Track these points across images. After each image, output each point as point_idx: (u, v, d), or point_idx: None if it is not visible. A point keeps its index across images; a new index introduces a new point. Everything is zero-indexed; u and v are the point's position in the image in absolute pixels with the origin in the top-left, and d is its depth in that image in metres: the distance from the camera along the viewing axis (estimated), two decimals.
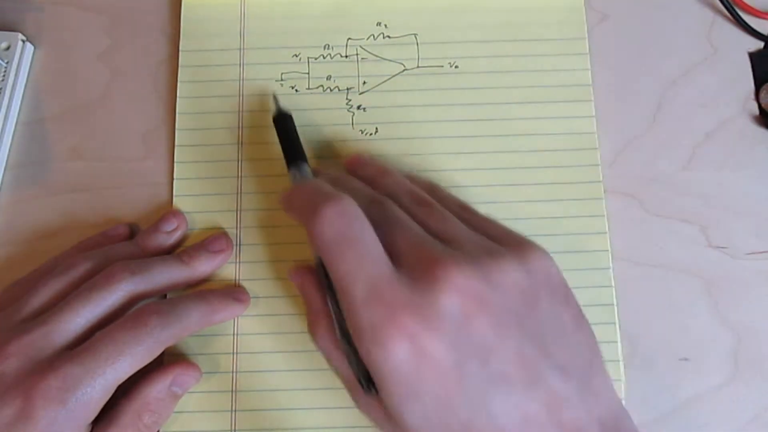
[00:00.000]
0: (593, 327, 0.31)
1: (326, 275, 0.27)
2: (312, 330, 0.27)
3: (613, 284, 0.32)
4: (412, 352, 0.21)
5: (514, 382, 0.21)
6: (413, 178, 0.31)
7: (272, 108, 0.33)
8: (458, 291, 0.22)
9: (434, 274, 0.22)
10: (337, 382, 0.31)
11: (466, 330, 0.22)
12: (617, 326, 0.31)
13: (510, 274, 0.23)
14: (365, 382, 0.24)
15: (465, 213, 0.28)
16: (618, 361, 0.31)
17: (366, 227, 0.24)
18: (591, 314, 0.31)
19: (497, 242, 0.25)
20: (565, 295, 0.24)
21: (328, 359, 0.27)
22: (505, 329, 0.22)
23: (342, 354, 0.26)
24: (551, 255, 0.25)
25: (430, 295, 0.22)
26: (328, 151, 0.34)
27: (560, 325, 0.23)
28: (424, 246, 0.24)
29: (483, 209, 0.33)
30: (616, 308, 0.32)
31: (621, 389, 0.31)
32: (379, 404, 0.24)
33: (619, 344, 0.31)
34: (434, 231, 0.25)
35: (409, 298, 0.22)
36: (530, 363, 0.22)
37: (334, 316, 0.27)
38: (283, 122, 0.33)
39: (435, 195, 0.29)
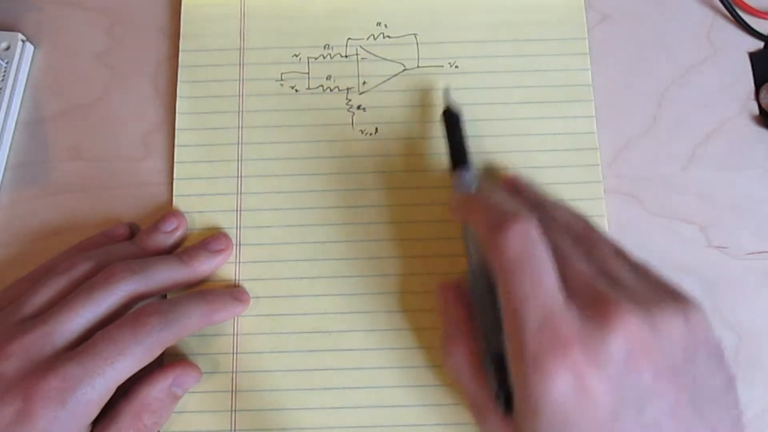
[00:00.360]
0: None
1: (483, 292, 0.27)
2: (448, 346, 0.28)
3: None
4: (575, 387, 0.21)
5: None
6: (570, 209, 0.31)
7: (443, 102, 0.33)
8: (628, 335, 0.22)
9: (607, 314, 0.22)
10: (338, 382, 0.31)
11: (629, 375, 0.22)
12: None
13: (675, 326, 0.23)
14: (504, 404, 0.25)
15: (620, 256, 0.27)
16: None
17: (547, 253, 0.24)
18: None
19: (661, 290, 0.25)
20: (720, 356, 0.24)
21: (458, 377, 0.27)
22: (666, 381, 0.22)
23: (475, 373, 0.26)
24: (705, 309, 0.24)
25: (600, 334, 0.22)
26: (328, 151, 0.34)
27: (713, 385, 0.23)
28: (596, 284, 0.24)
29: None
30: None
31: None
32: (509, 429, 0.24)
33: None
34: (601, 270, 0.25)
35: (579, 333, 0.22)
36: (684, 418, 0.22)
37: (483, 335, 0.27)
38: (453, 120, 0.32)
39: (590, 233, 0.29)
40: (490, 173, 0.34)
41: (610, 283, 0.24)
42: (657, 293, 0.24)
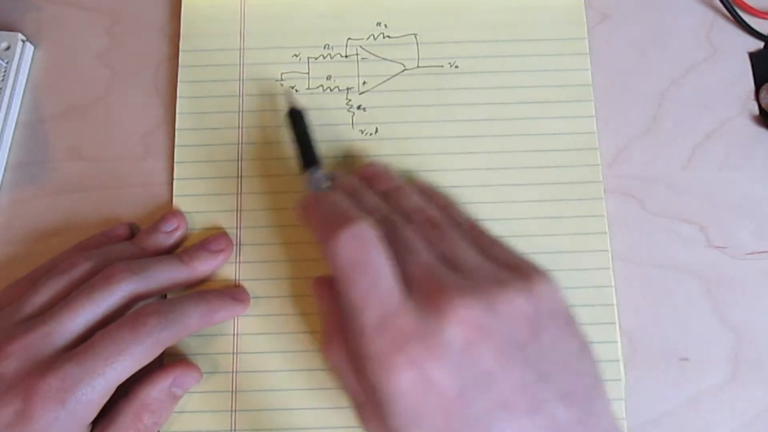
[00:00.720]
0: (593, 327, 0.31)
1: None
2: (325, 345, 0.27)
3: (613, 284, 0.32)
4: (418, 380, 0.22)
5: (516, 410, 0.22)
6: (426, 191, 0.32)
7: (285, 104, 0.33)
8: (461, 322, 0.22)
9: (439, 304, 0.22)
10: (337, 383, 0.31)
11: (468, 359, 0.22)
12: (617, 326, 0.31)
13: (515, 303, 0.23)
14: None
15: (476, 233, 0.28)
16: (618, 361, 0.31)
17: (381, 254, 0.24)
18: (591, 314, 0.31)
19: (506, 267, 0.25)
20: (568, 323, 0.24)
21: (339, 374, 0.27)
22: (508, 358, 0.22)
23: (355, 370, 0.26)
24: (554, 279, 0.25)
25: (436, 325, 0.22)
26: (328, 151, 0.34)
27: (563, 352, 0.24)
28: (433, 274, 0.24)
29: (483, 209, 0.33)
30: (616, 308, 0.32)
31: (621, 389, 0.31)
32: (379, 425, 0.24)
33: (619, 344, 0.31)
34: (445, 256, 0.26)
35: (416, 327, 0.22)
36: (532, 391, 0.22)
37: None
38: (297, 120, 0.32)
39: (448, 212, 0.30)
40: (346, 167, 0.34)
41: (451, 270, 0.24)
42: (502, 272, 0.25)
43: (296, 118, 0.32)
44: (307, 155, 0.31)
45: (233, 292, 0.32)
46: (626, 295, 0.32)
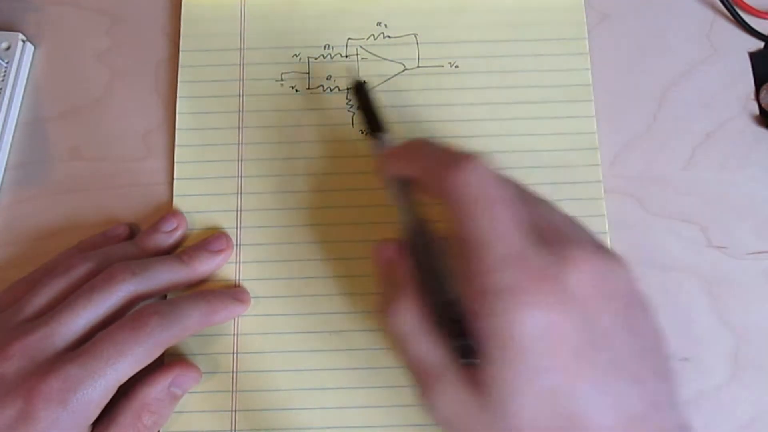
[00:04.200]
0: None
1: (424, 249, 0.26)
2: (393, 306, 0.25)
3: None
4: (547, 322, 0.21)
5: (626, 378, 0.21)
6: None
7: (348, 78, 0.33)
8: (590, 276, 0.21)
9: (564, 252, 0.22)
10: (338, 382, 0.31)
11: (590, 314, 0.21)
12: None
13: (621, 277, 0.23)
14: (466, 355, 0.23)
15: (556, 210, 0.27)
16: None
17: (503, 189, 0.23)
18: None
19: (596, 241, 0.24)
20: (649, 307, 0.24)
21: (405, 339, 0.24)
22: (624, 323, 0.22)
23: (426, 332, 0.24)
24: None
25: (564, 273, 0.21)
26: (328, 151, 0.34)
27: (655, 332, 0.23)
28: (552, 223, 0.23)
29: None
30: None
31: None
32: (462, 392, 0.22)
33: None
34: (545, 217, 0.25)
35: (543, 268, 0.21)
36: (639, 361, 0.22)
37: (430, 291, 0.25)
38: (360, 91, 0.32)
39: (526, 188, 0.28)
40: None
41: (561, 228, 0.24)
42: (598, 244, 0.24)
43: (359, 90, 0.32)
44: (377, 121, 0.31)
45: (234, 292, 0.32)
46: None
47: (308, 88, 0.35)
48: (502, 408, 0.21)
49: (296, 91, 0.35)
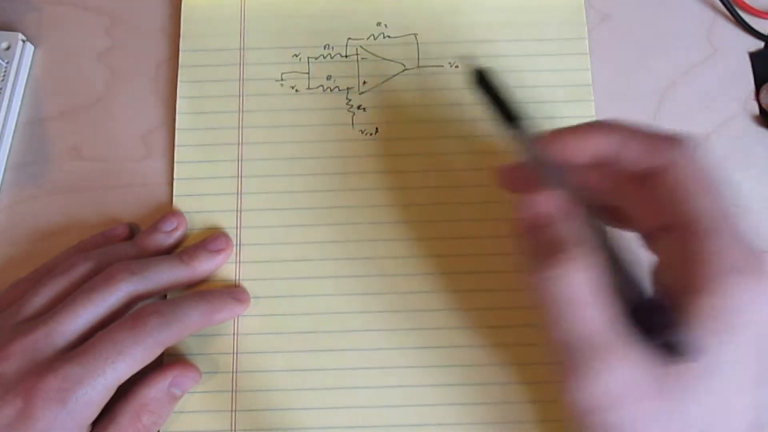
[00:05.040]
0: None
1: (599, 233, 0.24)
2: (560, 264, 0.22)
3: None
4: None
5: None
6: None
7: (466, 69, 0.29)
8: None
9: None
10: (337, 382, 0.31)
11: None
12: None
13: None
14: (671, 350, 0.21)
15: None
16: None
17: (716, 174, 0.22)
18: None
19: None
20: None
21: (570, 305, 0.22)
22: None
23: (598, 302, 0.21)
24: None
25: None
26: (328, 151, 0.34)
27: None
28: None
29: (483, 209, 0.33)
30: None
31: None
32: (645, 375, 0.21)
33: None
34: None
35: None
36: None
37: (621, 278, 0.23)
38: (485, 80, 0.28)
39: None
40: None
41: None
42: None
43: (483, 79, 0.28)
44: (510, 109, 0.27)
45: (233, 292, 0.32)
46: None
47: (308, 88, 0.35)
48: (694, 386, 0.20)
49: (296, 91, 0.35)
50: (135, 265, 0.29)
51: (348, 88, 0.35)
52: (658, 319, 0.21)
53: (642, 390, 0.21)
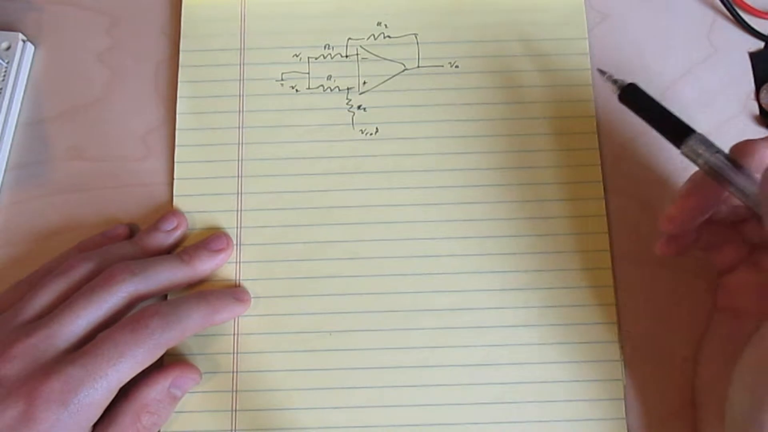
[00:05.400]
0: (593, 327, 0.31)
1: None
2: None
3: (613, 284, 0.32)
4: None
5: None
6: None
7: (611, 87, 0.30)
8: None
9: None
10: (337, 382, 0.31)
11: None
12: (617, 326, 0.31)
13: None
14: None
15: None
16: (618, 361, 0.31)
17: None
18: (591, 314, 0.31)
19: None
20: None
21: None
22: None
23: None
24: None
25: None
26: (328, 151, 0.34)
27: None
28: None
29: (483, 209, 0.33)
30: (616, 308, 0.32)
31: (621, 389, 0.31)
32: None
33: (619, 344, 0.31)
34: None
35: None
36: None
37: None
38: (635, 95, 0.29)
39: None
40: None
41: None
42: None
43: (633, 93, 0.29)
44: (676, 125, 0.27)
45: (234, 292, 0.32)
46: (626, 295, 0.32)
47: (308, 88, 0.35)
48: None
49: (296, 91, 0.35)
50: (135, 266, 0.29)
51: (348, 88, 0.35)
52: None
53: None
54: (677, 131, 0.27)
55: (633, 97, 0.29)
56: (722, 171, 0.26)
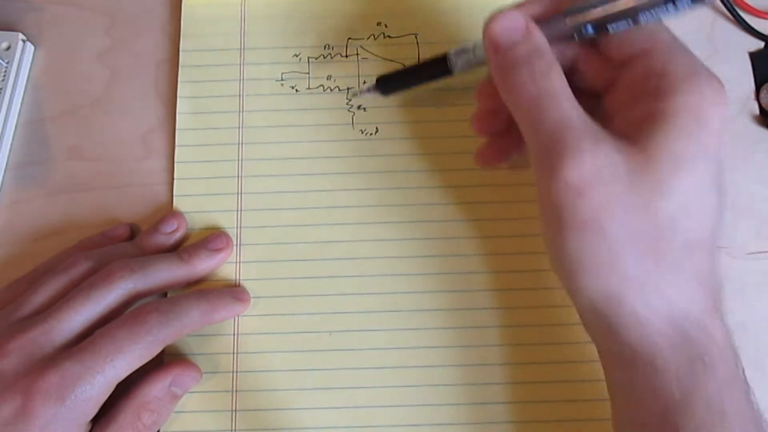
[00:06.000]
0: None
1: None
2: (532, 65, 0.24)
3: None
4: (725, 115, 0.23)
5: None
6: None
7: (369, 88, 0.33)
8: None
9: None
10: (338, 382, 0.31)
11: None
12: None
13: None
14: None
15: None
16: None
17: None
18: None
19: None
20: None
21: (547, 98, 0.24)
22: None
23: (569, 94, 0.24)
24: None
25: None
26: (328, 151, 0.34)
27: None
28: None
29: (482, 208, 0.33)
30: None
31: None
32: (615, 156, 0.23)
33: None
34: None
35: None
36: None
37: None
38: (387, 80, 0.32)
39: None
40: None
41: None
42: None
43: (385, 81, 0.32)
44: (433, 63, 0.30)
45: (234, 291, 0.32)
46: None
47: (308, 88, 0.35)
48: (661, 181, 0.22)
49: (296, 91, 0.35)
50: (134, 263, 0.29)
51: (348, 88, 0.35)
52: None
53: (614, 175, 0.22)
54: (438, 65, 0.29)
55: (387, 82, 0.32)
56: (469, 60, 0.28)
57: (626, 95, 0.25)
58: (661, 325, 0.23)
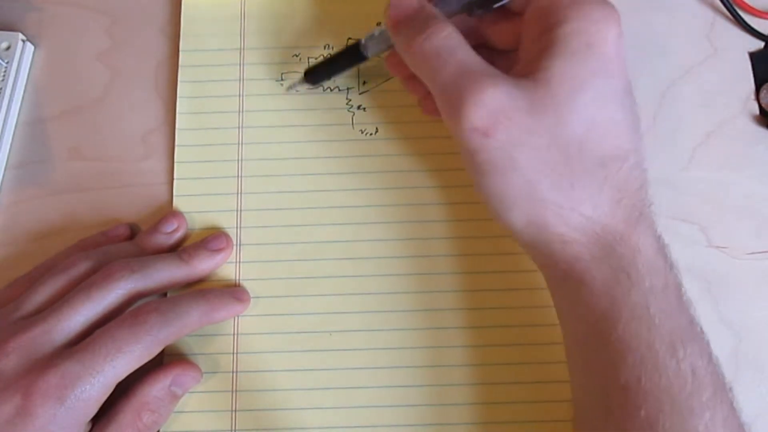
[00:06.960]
0: None
1: None
2: (430, 29, 0.26)
3: None
4: (620, 37, 0.25)
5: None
6: None
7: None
8: None
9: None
10: (338, 382, 0.31)
11: None
12: None
13: None
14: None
15: None
16: None
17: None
18: None
19: None
20: None
21: (447, 52, 0.26)
22: None
23: (467, 46, 0.26)
24: None
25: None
26: (328, 151, 0.34)
27: None
28: None
29: (483, 208, 0.33)
30: None
31: None
32: (515, 89, 0.24)
33: None
34: None
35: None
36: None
37: None
38: (313, 71, 0.33)
39: None
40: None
41: None
42: None
43: (311, 72, 0.34)
44: (347, 52, 0.32)
45: (234, 291, 0.32)
46: None
47: (308, 88, 0.35)
48: (560, 105, 0.24)
49: (296, 91, 0.35)
50: (134, 263, 0.29)
51: (348, 88, 0.35)
52: None
53: (516, 109, 0.24)
54: (354, 51, 0.32)
55: (313, 72, 0.34)
56: (379, 43, 0.31)
57: (528, 41, 0.27)
58: (585, 241, 0.25)
